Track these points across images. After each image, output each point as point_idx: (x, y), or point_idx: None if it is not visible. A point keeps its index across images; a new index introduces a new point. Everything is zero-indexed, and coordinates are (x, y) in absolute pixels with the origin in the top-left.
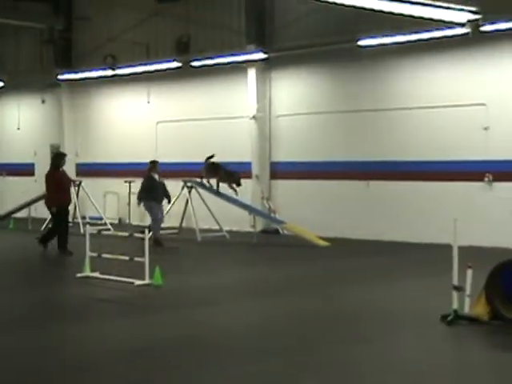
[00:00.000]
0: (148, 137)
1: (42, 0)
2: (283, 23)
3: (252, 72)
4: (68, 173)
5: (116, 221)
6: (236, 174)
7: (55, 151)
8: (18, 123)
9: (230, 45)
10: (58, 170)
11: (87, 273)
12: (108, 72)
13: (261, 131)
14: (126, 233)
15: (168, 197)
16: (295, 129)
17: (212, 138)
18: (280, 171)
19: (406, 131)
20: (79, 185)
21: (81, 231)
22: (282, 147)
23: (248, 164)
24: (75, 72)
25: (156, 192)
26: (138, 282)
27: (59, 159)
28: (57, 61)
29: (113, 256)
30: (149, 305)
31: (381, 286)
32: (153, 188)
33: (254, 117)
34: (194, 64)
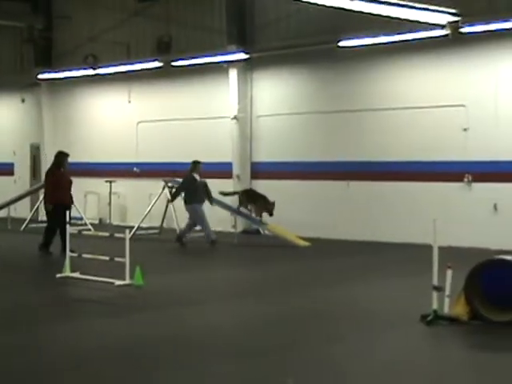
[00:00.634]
0: (129, 137)
1: None
2: (265, 24)
3: (233, 72)
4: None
5: (96, 221)
6: (272, 205)
7: (56, 152)
8: None
9: (212, 45)
10: (59, 169)
11: (67, 273)
12: (89, 72)
13: (242, 131)
14: (107, 233)
15: (210, 197)
16: (276, 129)
17: (193, 138)
18: (261, 171)
19: (387, 132)
20: None
21: None
22: (263, 147)
23: (229, 164)
24: (55, 71)
25: (198, 193)
26: (119, 282)
27: (61, 158)
28: (37, 60)
29: (93, 256)
30: (129, 305)
31: (361, 286)
32: (194, 189)
33: (236, 117)
34: (175, 64)
